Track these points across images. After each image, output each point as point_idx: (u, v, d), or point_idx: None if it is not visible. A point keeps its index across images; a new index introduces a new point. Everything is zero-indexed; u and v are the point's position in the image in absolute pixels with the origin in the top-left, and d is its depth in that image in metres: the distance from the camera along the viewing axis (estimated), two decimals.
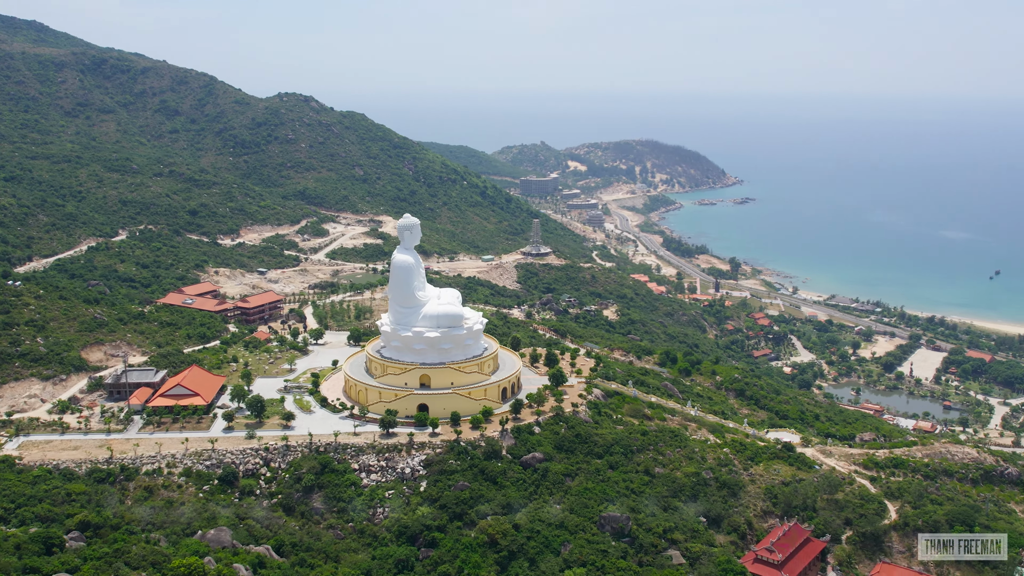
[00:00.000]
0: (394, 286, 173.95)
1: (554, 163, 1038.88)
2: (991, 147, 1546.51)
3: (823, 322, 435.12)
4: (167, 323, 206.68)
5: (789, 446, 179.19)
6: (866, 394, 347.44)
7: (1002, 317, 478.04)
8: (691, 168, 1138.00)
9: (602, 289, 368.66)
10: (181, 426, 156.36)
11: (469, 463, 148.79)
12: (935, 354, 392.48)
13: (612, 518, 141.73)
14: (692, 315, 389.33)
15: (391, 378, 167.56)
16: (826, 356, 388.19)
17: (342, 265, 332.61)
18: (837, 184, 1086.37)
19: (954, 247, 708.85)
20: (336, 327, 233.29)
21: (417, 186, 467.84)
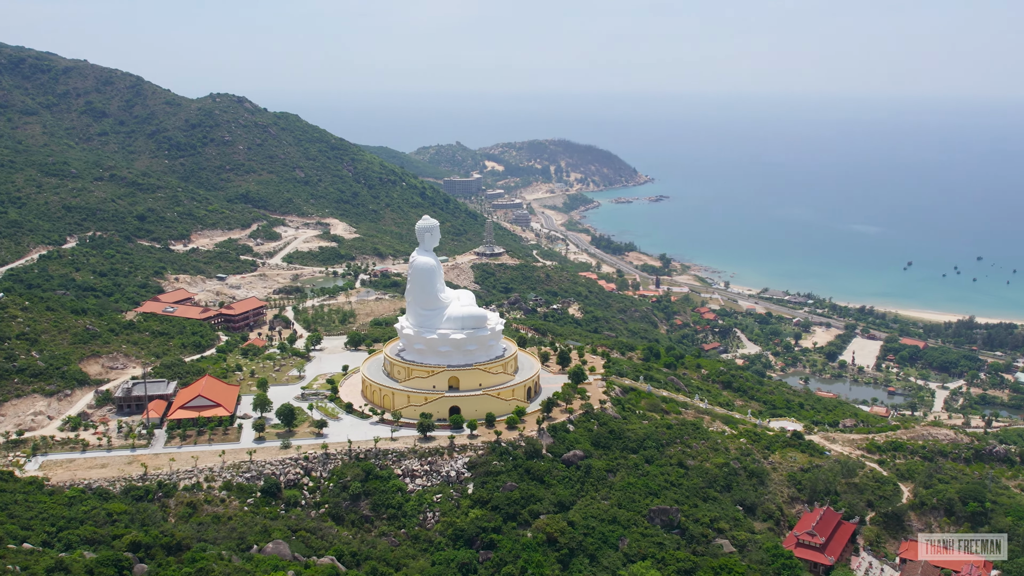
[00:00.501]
0: (416, 289, 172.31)
1: (471, 163, 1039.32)
2: (894, 144, 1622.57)
3: (763, 315, 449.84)
4: (159, 332, 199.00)
5: (798, 434, 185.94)
6: (813, 383, 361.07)
7: (923, 306, 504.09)
8: (604, 167, 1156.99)
9: (557, 288, 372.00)
10: (209, 438, 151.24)
11: (512, 463, 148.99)
12: (871, 343, 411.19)
13: (661, 511, 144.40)
14: (643, 311, 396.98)
15: (418, 381, 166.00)
16: (771, 347, 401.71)
17: (300, 269, 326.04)
18: (745, 181, 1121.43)
19: (865, 240, 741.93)
20: (326, 332, 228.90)
21: (359, 188, 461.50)
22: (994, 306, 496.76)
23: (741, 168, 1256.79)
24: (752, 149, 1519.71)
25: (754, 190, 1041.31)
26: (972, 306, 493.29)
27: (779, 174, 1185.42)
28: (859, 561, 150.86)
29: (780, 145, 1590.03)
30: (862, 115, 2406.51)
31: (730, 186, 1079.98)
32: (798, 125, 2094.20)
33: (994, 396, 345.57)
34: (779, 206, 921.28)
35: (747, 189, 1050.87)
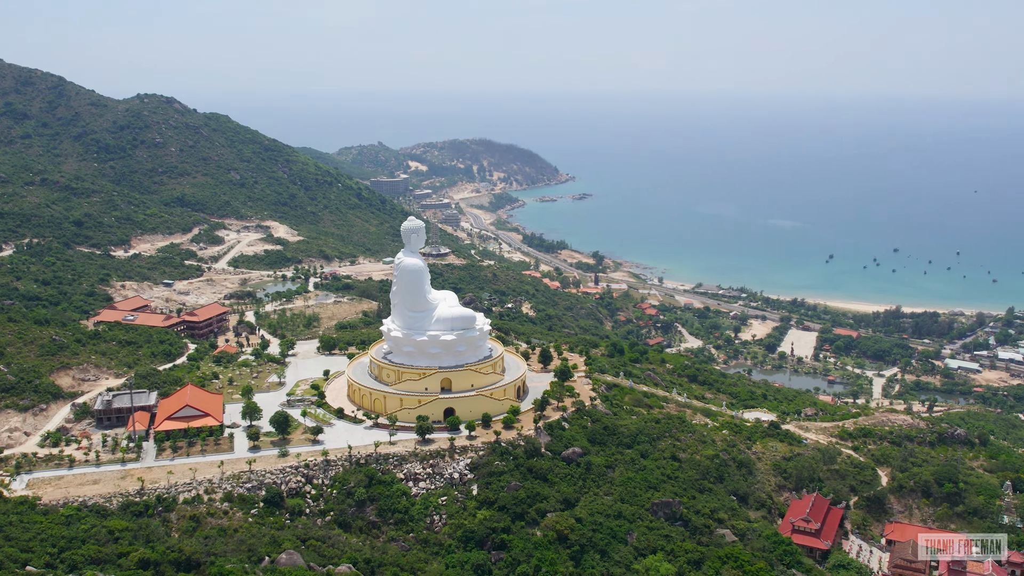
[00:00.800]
0: (405, 291, 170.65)
1: (395, 163, 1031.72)
2: (806, 140, 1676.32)
3: (701, 309, 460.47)
4: (127, 342, 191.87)
5: (775, 424, 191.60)
6: (756, 374, 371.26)
7: (848, 297, 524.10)
8: (526, 166, 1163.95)
9: (504, 287, 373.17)
10: (201, 449, 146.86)
11: (514, 463, 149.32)
12: (807, 334, 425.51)
13: (664, 504, 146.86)
14: (588, 308, 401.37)
15: (410, 384, 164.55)
16: (712, 341, 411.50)
17: (248, 273, 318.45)
18: (663, 178, 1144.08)
19: (785, 234, 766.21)
20: (293, 336, 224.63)
21: (296, 189, 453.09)
22: (915, 295, 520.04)
23: (658, 166, 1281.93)
24: (668, 147, 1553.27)
25: (674, 187, 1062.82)
26: (894, 296, 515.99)
27: (696, 171, 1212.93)
28: (849, 544, 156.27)
29: (696, 143, 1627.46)
30: (776, 113, 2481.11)
31: (650, 184, 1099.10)
32: (712, 122, 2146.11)
33: (927, 382, 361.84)
34: (700, 202, 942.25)
35: (667, 186, 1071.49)
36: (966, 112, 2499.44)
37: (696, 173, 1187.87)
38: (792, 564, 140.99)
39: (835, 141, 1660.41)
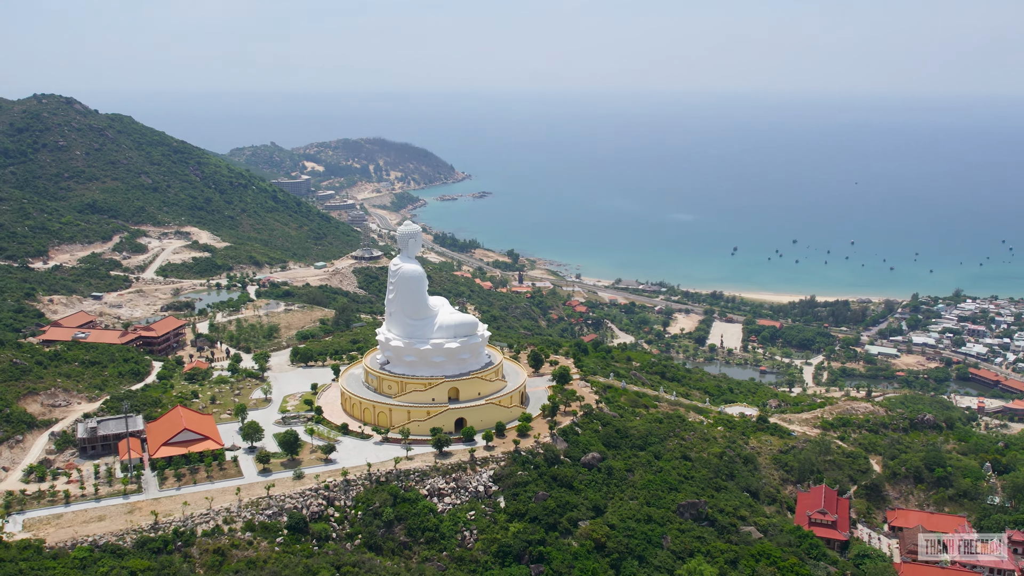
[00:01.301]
0: (405, 298, 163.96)
1: (290, 164, 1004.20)
2: (697, 136, 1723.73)
3: (626, 305, 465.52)
4: (91, 362, 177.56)
5: (763, 418, 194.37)
6: (689, 368, 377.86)
7: (760, 288, 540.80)
8: (422, 165, 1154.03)
9: (440, 288, 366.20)
10: (207, 476, 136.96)
11: (537, 472, 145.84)
12: (731, 326, 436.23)
13: (690, 505, 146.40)
14: (523, 307, 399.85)
15: (416, 395, 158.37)
16: (642, 336, 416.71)
17: (179, 282, 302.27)
18: (560, 175, 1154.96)
19: (685, 228, 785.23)
20: (257, 348, 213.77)
21: (211, 193, 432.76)
22: (821, 285, 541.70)
23: (555, 163, 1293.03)
24: (561, 144, 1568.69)
25: (571, 183, 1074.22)
26: (802, 286, 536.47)
27: (591, 168, 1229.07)
28: (858, 533, 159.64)
29: (587, 140, 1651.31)
30: (664, 110, 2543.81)
31: (549, 181, 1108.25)
32: (600, 119, 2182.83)
33: (852, 368, 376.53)
34: (599, 198, 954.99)
35: (566, 183, 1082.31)
36: (840, 108, 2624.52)
37: (591, 170, 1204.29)
38: (819, 557, 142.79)
39: (719, 137, 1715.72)
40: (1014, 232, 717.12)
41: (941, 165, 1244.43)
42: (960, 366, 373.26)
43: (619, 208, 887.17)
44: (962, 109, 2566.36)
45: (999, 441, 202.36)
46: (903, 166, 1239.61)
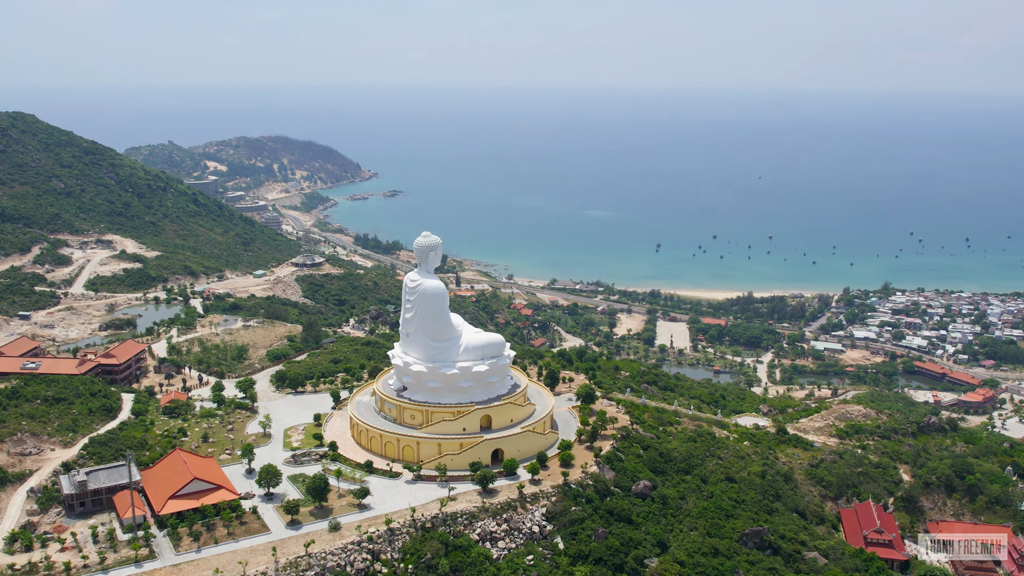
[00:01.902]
0: (427, 318, 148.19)
1: (191, 163, 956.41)
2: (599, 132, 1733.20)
3: (568, 306, 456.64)
4: (54, 399, 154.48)
5: (783, 430, 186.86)
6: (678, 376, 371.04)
7: (691, 285, 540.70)
8: (327, 163, 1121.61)
9: (387, 295, 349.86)
10: (228, 533, 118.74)
11: (591, 507, 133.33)
12: (676, 325, 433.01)
13: (753, 533, 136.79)
14: (471, 312, 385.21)
15: (445, 425, 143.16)
16: (590, 338, 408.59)
17: (112, 297, 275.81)
18: (472, 172, 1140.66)
19: (604, 225, 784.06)
20: (231, 373, 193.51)
21: (129, 197, 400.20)
22: (749, 280, 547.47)
23: (463, 160, 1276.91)
24: (465, 141, 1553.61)
25: (484, 181, 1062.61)
26: (732, 282, 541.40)
27: (502, 164, 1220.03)
28: (906, 549, 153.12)
29: (492, 137, 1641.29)
30: (571, 107, 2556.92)
31: (458, 178, 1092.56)
32: (511, 115, 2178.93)
33: (802, 365, 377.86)
34: (513, 195, 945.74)
35: (477, 180, 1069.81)
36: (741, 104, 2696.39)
37: (503, 166, 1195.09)
38: None
39: (627, 132, 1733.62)
40: (920, 224, 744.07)
41: (839, 160, 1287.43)
42: (905, 359, 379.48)
43: (535, 205, 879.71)
44: (855, 106, 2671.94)
45: (1004, 442, 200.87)
46: (801, 160, 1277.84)
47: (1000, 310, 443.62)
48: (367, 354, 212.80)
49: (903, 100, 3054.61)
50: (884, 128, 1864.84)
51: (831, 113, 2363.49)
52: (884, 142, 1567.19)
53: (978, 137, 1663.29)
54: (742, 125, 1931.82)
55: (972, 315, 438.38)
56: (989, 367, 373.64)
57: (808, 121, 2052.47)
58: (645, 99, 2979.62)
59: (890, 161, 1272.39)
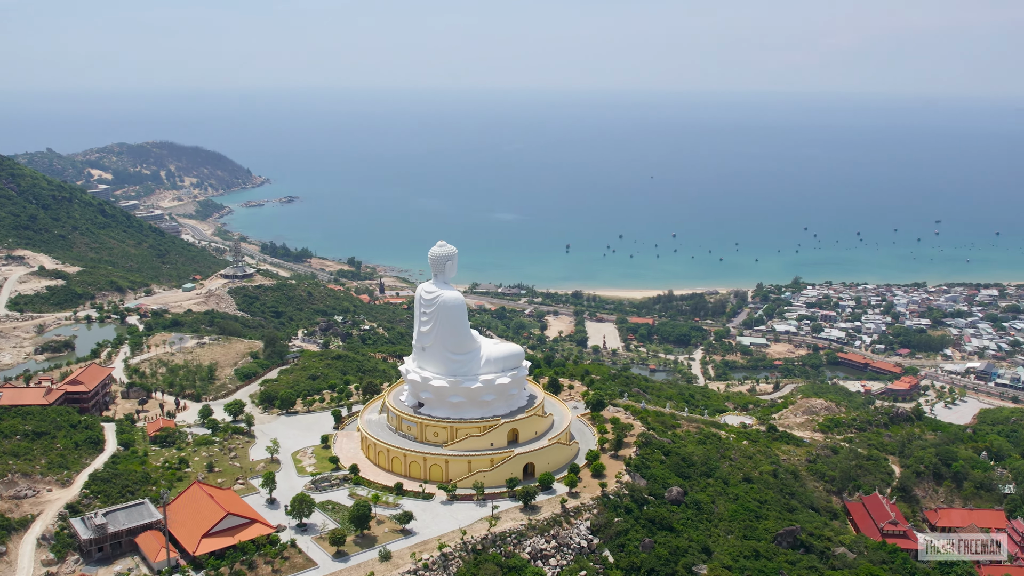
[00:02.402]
0: (447, 330, 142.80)
1: (73, 172, 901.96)
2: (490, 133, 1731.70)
3: (496, 310, 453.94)
4: (37, 433, 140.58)
5: (773, 427, 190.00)
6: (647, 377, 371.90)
7: (612, 285, 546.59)
8: (217, 169, 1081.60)
9: (323, 305, 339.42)
10: (274, 570, 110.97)
11: (632, 517, 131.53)
12: (605, 325, 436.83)
13: (787, 533, 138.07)
14: (406, 319, 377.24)
15: (472, 441, 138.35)
16: (523, 341, 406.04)
17: (39, 317, 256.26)
18: (368, 176, 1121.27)
19: (511, 227, 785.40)
20: (205, 395, 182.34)
21: (34, 209, 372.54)
22: (663, 278, 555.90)
23: (358, 164, 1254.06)
24: (362, 143, 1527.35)
25: (381, 185, 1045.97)
26: (646, 281, 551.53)
27: (399, 167, 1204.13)
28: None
29: (392, 138, 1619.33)
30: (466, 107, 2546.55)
31: (354, 182, 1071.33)
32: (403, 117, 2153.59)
33: (732, 360, 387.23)
34: (414, 199, 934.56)
35: (374, 184, 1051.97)
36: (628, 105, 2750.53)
37: (400, 170, 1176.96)
38: (913, 571, 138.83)
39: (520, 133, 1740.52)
40: (812, 220, 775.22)
41: (724, 158, 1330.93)
42: (828, 351, 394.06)
43: (438, 209, 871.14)
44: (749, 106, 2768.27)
45: (966, 428, 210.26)
46: (686, 160, 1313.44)
47: (906, 300, 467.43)
48: (340, 368, 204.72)
49: (771, 99, 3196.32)
50: (757, 127, 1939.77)
51: (694, 112, 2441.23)
52: (758, 140, 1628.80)
53: (849, 135, 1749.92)
54: (619, 126, 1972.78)
55: (881, 306, 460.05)
56: (904, 355, 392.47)
57: (680, 121, 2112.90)
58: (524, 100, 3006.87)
59: (775, 160, 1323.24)
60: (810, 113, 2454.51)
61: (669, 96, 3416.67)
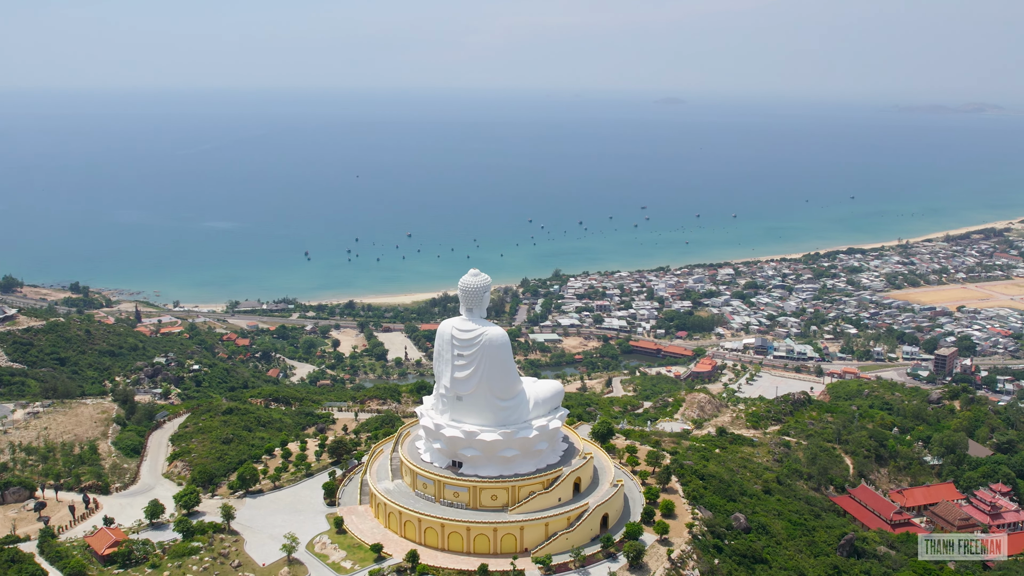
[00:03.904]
0: (496, 374, 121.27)
1: None
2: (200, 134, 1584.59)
3: (276, 331, 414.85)
4: None
5: (723, 430, 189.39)
6: (396, 382, 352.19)
7: (372, 291, 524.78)
8: None
9: (107, 345, 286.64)
10: None
11: (724, 555, 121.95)
12: (394, 335, 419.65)
13: (846, 543, 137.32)
14: (194, 349, 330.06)
15: (541, 499, 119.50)
16: (319, 361, 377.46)
17: None
18: (38, 186, 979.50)
19: (230, 236, 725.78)
20: (115, 485, 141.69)
21: None
22: (418, 280, 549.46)
23: (16, 172, 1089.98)
24: (17, 151, 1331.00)
25: (59, 196, 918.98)
26: (407, 284, 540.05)
27: (79, 176, 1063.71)
28: None
29: (50, 141, 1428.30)
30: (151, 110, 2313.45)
31: (23, 194, 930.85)
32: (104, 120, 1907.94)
33: (536, 359, 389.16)
34: (109, 211, 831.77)
35: (50, 195, 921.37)
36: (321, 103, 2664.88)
37: (82, 179, 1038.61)
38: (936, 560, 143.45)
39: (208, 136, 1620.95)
40: (532, 212, 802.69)
41: (441, 154, 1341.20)
42: (619, 340, 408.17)
43: (141, 221, 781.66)
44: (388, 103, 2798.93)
45: (852, 405, 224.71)
46: (385, 157, 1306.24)
47: (664, 285, 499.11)
48: (244, 425, 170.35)
49: (430, 96, 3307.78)
50: (437, 123, 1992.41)
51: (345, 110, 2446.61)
52: (433, 135, 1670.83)
53: (508, 129, 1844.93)
54: (306, 124, 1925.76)
55: (643, 292, 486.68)
56: (684, 338, 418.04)
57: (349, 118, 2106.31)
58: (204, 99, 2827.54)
59: (455, 152, 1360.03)
60: (464, 109, 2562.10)
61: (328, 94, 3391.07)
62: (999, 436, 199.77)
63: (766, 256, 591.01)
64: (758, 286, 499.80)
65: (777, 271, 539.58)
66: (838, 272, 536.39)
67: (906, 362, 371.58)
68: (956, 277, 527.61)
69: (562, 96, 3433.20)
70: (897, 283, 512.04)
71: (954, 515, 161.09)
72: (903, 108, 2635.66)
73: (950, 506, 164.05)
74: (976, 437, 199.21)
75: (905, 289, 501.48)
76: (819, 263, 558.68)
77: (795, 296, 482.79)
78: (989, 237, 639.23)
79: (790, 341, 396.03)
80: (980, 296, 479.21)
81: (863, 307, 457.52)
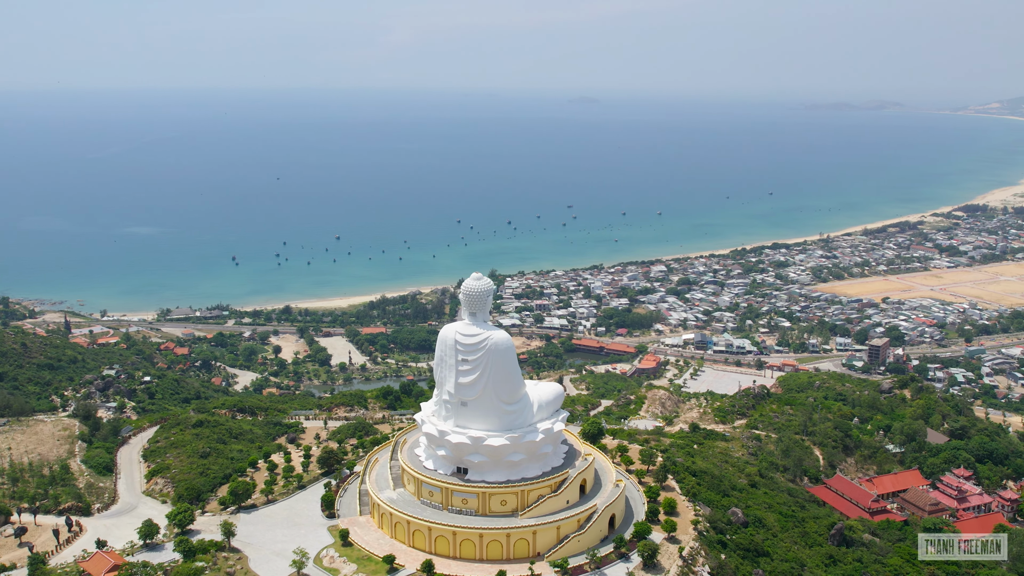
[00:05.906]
0: (500, 378, 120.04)
1: None
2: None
3: (213, 338, 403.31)
4: None
5: (695, 426, 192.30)
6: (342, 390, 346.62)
7: (305, 296, 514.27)
8: None
9: (45, 358, 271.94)
10: None
11: (729, 550, 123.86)
12: (335, 340, 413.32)
13: (837, 532, 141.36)
14: (134, 360, 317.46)
15: (551, 503, 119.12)
16: (261, 368, 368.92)
17: None
18: None
19: (153, 242, 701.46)
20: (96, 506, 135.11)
21: None
22: (353, 283, 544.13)
23: None
24: None
25: None
26: (342, 287, 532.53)
27: None
28: None
29: None
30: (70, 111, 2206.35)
31: None
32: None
33: None
34: (18, 218, 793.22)
35: None
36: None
37: None
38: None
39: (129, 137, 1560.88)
40: (460, 212, 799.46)
41: (364, 155, 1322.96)
42: (561, 339, 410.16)
43: (53, 227, 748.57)
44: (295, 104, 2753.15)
45: (809, 397, 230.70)
46: (319, 159, 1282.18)
47: (600, 283, 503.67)
48: (218, 437, 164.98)
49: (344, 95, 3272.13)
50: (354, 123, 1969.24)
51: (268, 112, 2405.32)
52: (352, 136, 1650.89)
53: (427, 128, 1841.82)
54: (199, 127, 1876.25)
55: (580, 290, 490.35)
56: (624, 335, 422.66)
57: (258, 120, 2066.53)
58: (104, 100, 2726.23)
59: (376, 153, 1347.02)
60: (381, 109, 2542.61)
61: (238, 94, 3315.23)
62: (951, 422, 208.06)
63: (695, 252, 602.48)
64: (691, 282, 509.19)
65: (708, 267, 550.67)
66: (766, 267, 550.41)
67: (840, 353, 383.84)
68: (878, 270, 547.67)
69: (478, 95, 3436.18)
70: (823, 276, 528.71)
71: (924, 501, 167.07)
72: (809, 106, 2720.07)
73: (919, 492, 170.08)
74: (931, 424, 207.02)
75: (831, 282, 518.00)
76: (747, 258, 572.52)
77: (727, 291, 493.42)
78: (905, 230, 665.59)
79: (728, 336, 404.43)
80: (902, 287, 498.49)
81: (793, 300, 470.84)
